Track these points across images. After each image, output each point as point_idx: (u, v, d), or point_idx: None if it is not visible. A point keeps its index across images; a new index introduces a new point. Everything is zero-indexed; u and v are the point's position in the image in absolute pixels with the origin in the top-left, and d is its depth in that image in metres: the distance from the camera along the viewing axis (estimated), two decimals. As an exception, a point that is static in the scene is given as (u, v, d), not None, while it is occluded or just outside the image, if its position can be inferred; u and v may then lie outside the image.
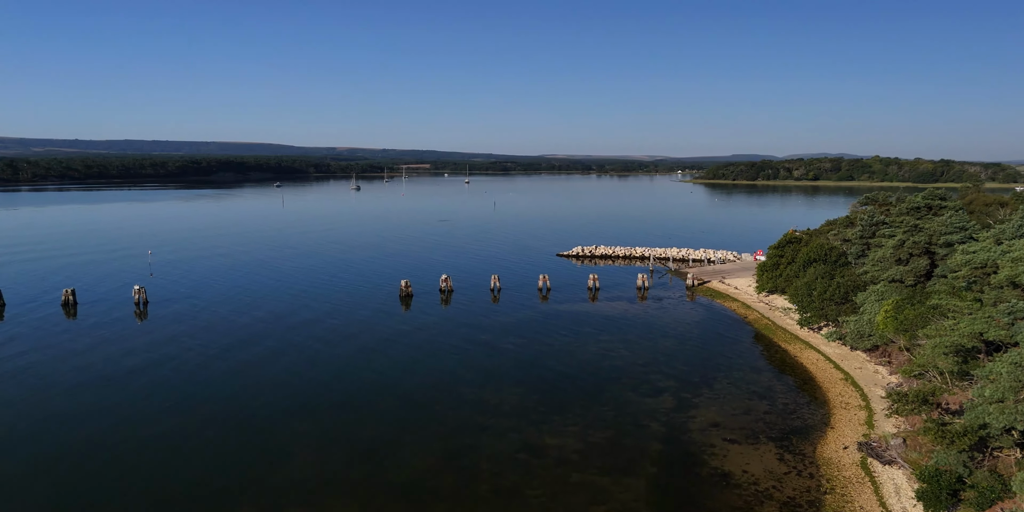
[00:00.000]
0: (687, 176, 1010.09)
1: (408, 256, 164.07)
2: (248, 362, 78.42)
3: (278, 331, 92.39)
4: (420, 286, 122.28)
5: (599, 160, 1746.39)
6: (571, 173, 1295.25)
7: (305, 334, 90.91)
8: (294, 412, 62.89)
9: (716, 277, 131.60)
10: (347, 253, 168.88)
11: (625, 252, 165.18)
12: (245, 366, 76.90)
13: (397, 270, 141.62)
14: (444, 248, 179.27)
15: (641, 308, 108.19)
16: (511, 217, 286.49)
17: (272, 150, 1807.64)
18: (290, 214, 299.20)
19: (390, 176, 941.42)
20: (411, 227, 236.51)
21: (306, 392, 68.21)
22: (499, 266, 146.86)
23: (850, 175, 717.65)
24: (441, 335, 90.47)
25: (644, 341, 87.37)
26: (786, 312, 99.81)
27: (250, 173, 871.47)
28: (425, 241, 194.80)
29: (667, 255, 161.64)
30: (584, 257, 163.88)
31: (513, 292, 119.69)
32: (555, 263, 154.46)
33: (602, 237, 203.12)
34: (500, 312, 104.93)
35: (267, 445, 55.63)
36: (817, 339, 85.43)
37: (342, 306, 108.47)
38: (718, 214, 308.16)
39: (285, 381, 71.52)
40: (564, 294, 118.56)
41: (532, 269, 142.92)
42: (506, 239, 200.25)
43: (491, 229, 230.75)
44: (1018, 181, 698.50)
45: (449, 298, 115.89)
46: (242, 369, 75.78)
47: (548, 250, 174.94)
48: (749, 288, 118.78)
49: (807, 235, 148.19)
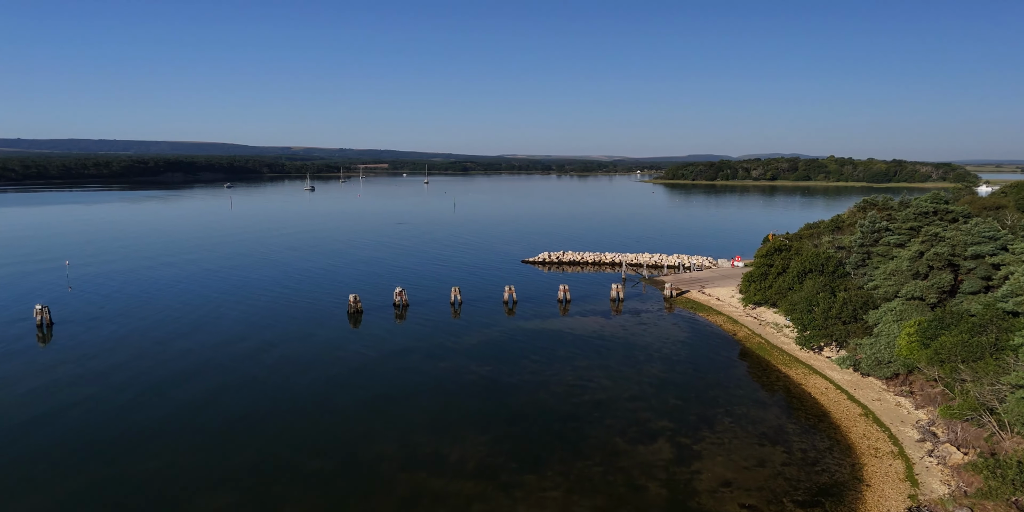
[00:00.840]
0: (647, 176, 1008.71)
1: (361, 264, 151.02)
2: (156, 414, 65.32)
3: (205, 365, 79.13)
4: (372, 300, 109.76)
5: (559, 160, 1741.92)
6: (531, 173, 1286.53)
7: (237, 370, 77.84)
8: (208, 483, 50.26)
9: (694, 286, 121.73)
10: (296, 261, 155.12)
11: (594, 258, 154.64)
12: (152, 421, 63.79)
13: (348, 280, 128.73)
14: (400, 254, 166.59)
15: (618, 324, 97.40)
16: (472, 219, 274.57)
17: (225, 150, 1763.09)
18: (238, 217, 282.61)
19: (346, 176, 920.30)
20: (366, 230, 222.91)
21: (224, 455, 55.30)
22: (460, 275, 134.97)
23: (807, 175, 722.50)
24: (392, 365, 78.27)
25: (626, 367, 76.46)
26: (778, 328, 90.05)
27: (201, 173, 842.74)
28: (380, 246, 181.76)
29: (639, 261, 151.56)
30: (551, 264, 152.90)
31: (476, 306, 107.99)
32: (521, 271, 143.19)
33: (569, 241, 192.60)
34: (461, 331, 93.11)
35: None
36: (820, 362, 75.57)
37: (285, 327, 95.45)
38: (685, 215, 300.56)
39: (197, 445, 58.24)
40: (532, 307, 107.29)
41: (496, 278, 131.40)
42: (467, 243, 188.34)
43: (451, 232, 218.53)
44: (968, 181, 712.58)
45: (404, 314, 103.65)
46: (146, 426, 62.66)
47: (513, 256, 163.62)
48: (732, 299, 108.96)
49: (789, 240, 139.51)
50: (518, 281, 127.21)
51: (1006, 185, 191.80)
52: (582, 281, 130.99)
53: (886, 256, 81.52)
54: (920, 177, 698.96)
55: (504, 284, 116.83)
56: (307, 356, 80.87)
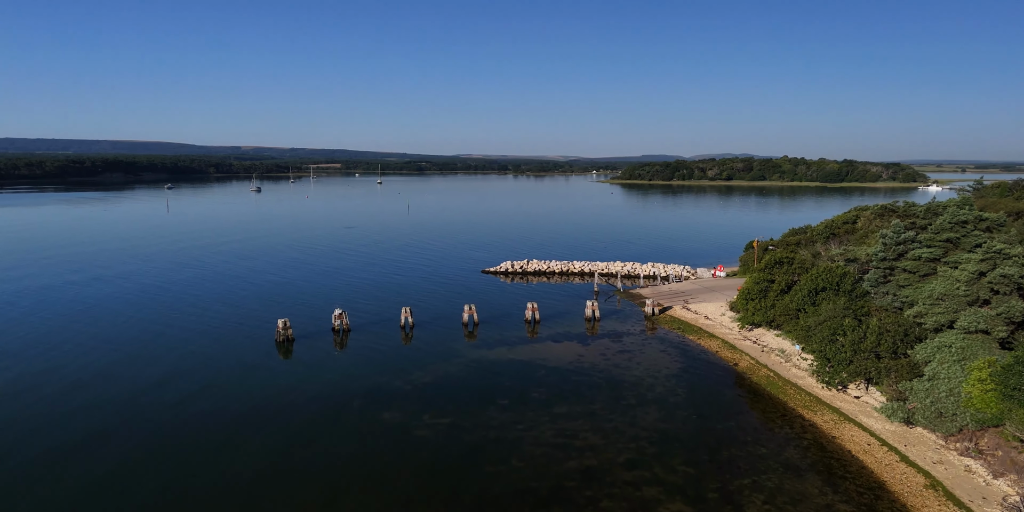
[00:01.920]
0: (603, 176, 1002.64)
1: (300, 278, 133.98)
2: (16, 481, 48.58)
3: (87, 415, 62.23)
4: (308, 325, 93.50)
5: (515, 160, 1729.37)
6: (487, 173, 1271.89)
7: (128, 424, 61.15)
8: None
9: (677, 301, 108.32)
10: (226, 276, 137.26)
11: (562, 267, 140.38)
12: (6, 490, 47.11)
13: (283, 299, 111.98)
14: (346, 264, 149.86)
15: (597, 351, 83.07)
16: (427, 222, 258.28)
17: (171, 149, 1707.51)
18: (173, 221, 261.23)
19: (297, 176, 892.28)
20: (311, 236, 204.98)
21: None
22: (413, 289, 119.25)
23: (762, 175, 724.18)
24: (317, 416, 62.36)
25: (616, 415, 62.06)
26: (786, 356, 76.79)
27: (142, 174, 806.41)
28: (324, 255, 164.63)
29: (611, 270, 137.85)
30: (515, 274, 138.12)
31: (430, 329, 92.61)
32: (481, 283, 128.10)
33: (532, 247, 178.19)
34: (412, 364, 77.63)
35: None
36: (849, 404, 62.29)
37: (199, 359, 78.71)
38: (651, 218, 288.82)
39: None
40: (496, 330, 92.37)
41: (454, 293, 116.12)
42: (422, 250, 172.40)
43: (405, 238, 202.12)
44: (917, 180, 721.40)
45: (345, 341, 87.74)
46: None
47: (472, 265, 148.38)
48: (724, 318, 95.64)
49: (777, 246, 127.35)
50: (479, 296, 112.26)
51: (994, 184, 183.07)
52: (551, 295, 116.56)
53: (915, 273, 68.79)
54: (871, 177, 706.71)
55: (463, 302, 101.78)
56: (205, 403, 64.49)
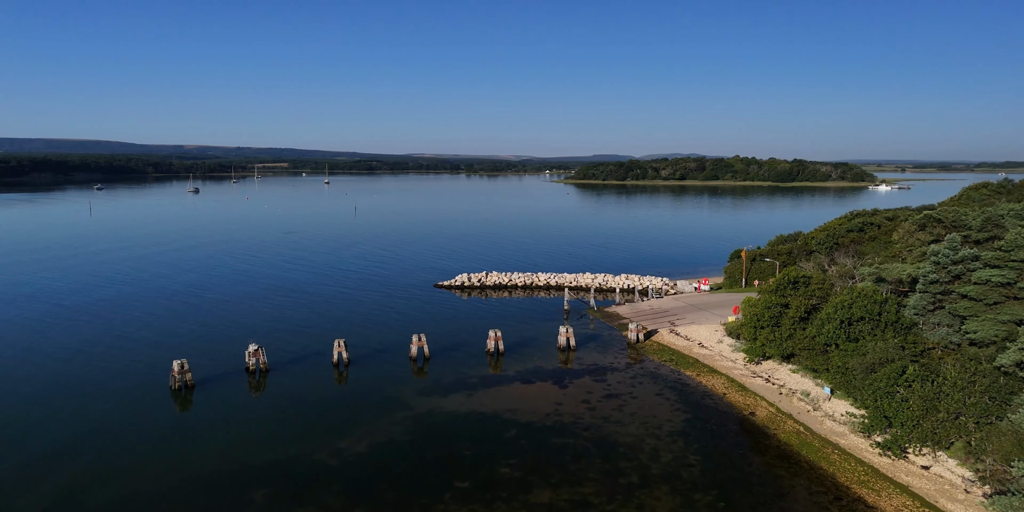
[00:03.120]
0: (557, 176, 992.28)
1: (220, 298, 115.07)
2: None
3: None
4: (219, 362, 75.46)
5: (467, 159, 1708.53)
6: (440, 173, 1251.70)
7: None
8: None
9: (661, 322, 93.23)
10: (130, 293, 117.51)
11: (525, 280, 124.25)
12: None
13: (192, 328, 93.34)
14: (275, 280, 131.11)
15: (577, 395, 67.12)
16: (375, 225, 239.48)
17: (109, 148, 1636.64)
18: (96, 226, 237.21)
19: (241, 176, 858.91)
20: (243, 244, 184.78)
21: None
22: (352, 312, 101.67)
23: (715, 175, 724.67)
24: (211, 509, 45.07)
25: (618, 504, 46.03)
26: (810, 400, 62.02)
27: (74, 174, 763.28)
28: (250, 270, 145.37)
29: (581, 282, 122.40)
30: (472, 288, 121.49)
31: (370, 366, 75.52)
32: (434, 300, 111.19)
33: (490, 254, 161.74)
34: (343, 422, 60.43)
35: None
36: (919, 478, 47.50)
37: (74, 412, 60.20)
38: (613, 219, 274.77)
39: None
40: (451, 365, 75.79)
41: (401, 316, 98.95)
42: (367, 261, 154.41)
43: (348, 245, 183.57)
44: (865, 180, 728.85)
45: (262, 384, 70.15)
46: None
47: (424, 278, 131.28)
48: (722, 346, 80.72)
49: (770, 257, 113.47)
50: (431, 319, 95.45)
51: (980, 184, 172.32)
52: (515, 315, 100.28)
53: (982, 300, 54.61)
54: (821, 176, 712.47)
55: (411, 329, 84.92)
56: (61, 481, 46.47)
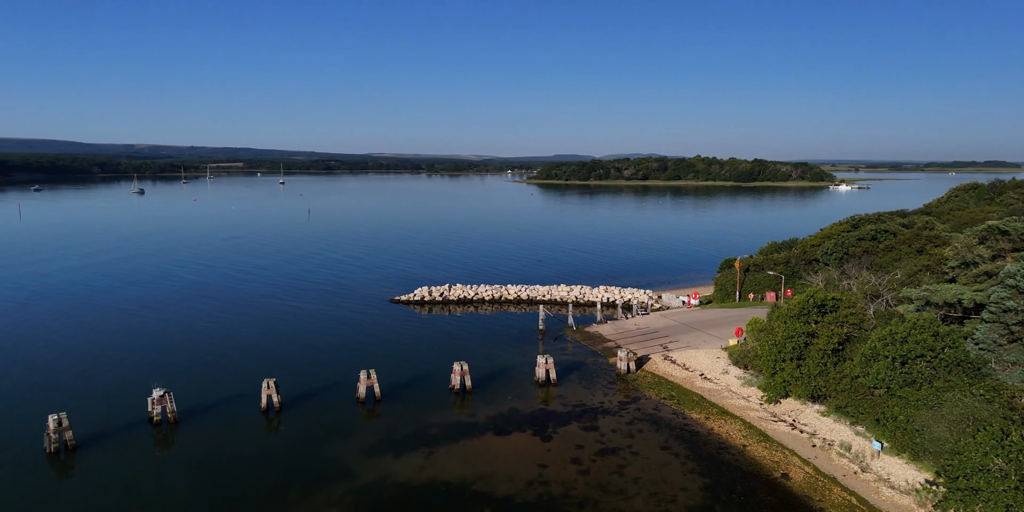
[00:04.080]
0: (519, 176, 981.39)
1: (129, 322, 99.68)
2: None
3: None
4: (114, 414, 60.79)
5: (428, 159, 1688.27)
6: (400, 172, 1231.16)
7: None
8: None
9: (652, 345, 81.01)
10: (32, 319, 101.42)
11: (493, 294, 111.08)
12: None
13: (87, 366, 78.15)
14: (202, 298, 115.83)
15: (566, 452, 54.20)
16: (329, 229, 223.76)
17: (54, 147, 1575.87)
18: (22, 233, 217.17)
19: (192, 176, 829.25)
20: (179, 253, 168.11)
21: None
22: (289, 340, 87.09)
23: (677, 175, 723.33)
24: None
25: None
26: (854, 456, 50.17)
27: (14, 174, 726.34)
28: (182, 284, 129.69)
29: (555, 296, 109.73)
30: (433, 304, 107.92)
31: (308, 410, 61.64)
32: (390, 319, 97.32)
33: (453, 262, 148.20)
34: (264, 495, 46.59)
35: None
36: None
37: None
38: (582, 221, 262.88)
39: None
40: (408, 407, 62.33)
41: (349, 341, 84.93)
42: (316, 271, 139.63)
43: (296, 253, 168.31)
44: (825, 179, 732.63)
45: (170, 438, 55.84)
46: None
47: (378, 291, 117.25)
48: (728, 378, 68.68)
49: (765, 267, 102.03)
50: (385, 345, 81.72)
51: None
52: (483, 338, 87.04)
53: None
54: (781, 176, 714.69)
55: (360, 361, 71.26)
56: None
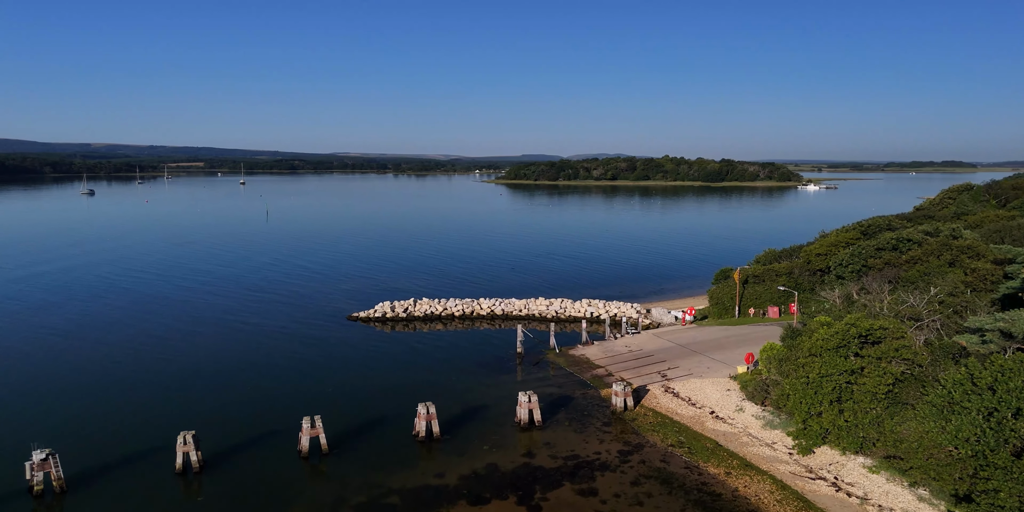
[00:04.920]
0: (488, 176, 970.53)
1: (60, 348, 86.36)
2: None
3: None
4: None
5: (395, 159, 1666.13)
6: (366, 172, 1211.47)
7: None
8: None
9: (648, 373, 70.40)
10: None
11: (464, 308, 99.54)
12: None
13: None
14: (147, 316, 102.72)
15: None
16: (287, 233, 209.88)
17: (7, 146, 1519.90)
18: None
19: (151, 176, 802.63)
20: (127, 261, 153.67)
21: None
22: (223, 372, 74.51)
23: (646, 175, 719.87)
24: None
25: None
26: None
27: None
28: (124, 299, 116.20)
29: (533, 311, 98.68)
30: (396, 321, 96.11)
31: (234, 470, 49.72)
32: (346, 342, 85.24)
33: (419, 270, 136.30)
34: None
35: None
36: None
37: None
38: (554, 223, 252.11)
39: None
40: (361, 463, 50.80)
41: (294, 374, 72.62)
42: (267, 283, 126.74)
43: (249, 262, 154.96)
44: (792, 179, 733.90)
45: None
46: None
47: (335, 306, 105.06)
48: (745, 417, 58.23)
49: (767, 280, 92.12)
50: (338, 376, 69.78)
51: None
52: (452, 361, 75.55)
53: None
54: (749, 176, 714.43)
55: (305, 401, 59.48)
56: None
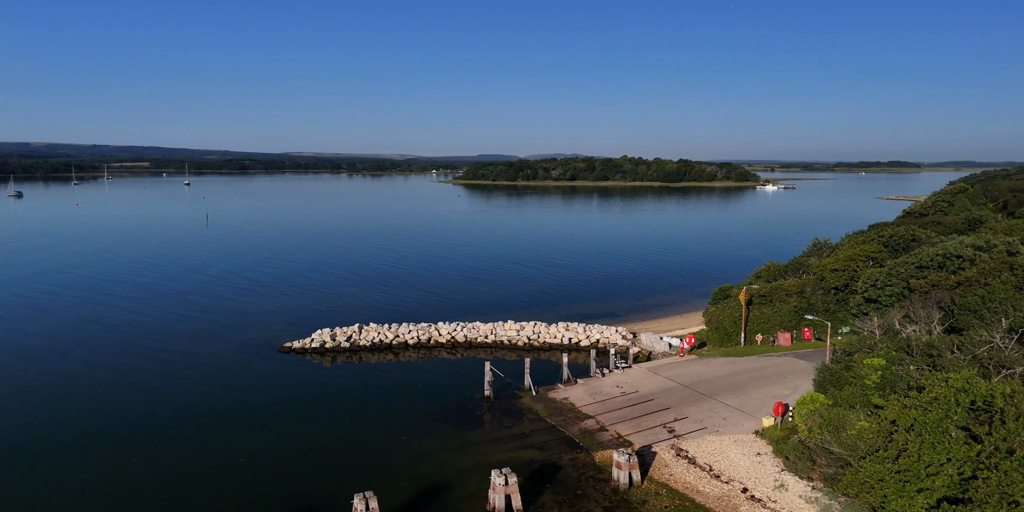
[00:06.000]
0: (444, 176, 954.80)
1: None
2: None
3: None
4: None
5: (349, 158, 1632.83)
6: (319, 172, 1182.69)
7: None
8: None
9: (652, 426, 56.32)
10: None
11: (419, 334, 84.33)
12: None
13: None
14: (45, 342, 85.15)
15: None
16: (227, 240, 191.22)
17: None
18: None
19: (91, 176, 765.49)
20: (40, 278, 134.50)
21: None
22: (101, 433, 58.23)
23: (604, 175, 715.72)
24: None
25: None
26: None
27: None
28: (25, 317, 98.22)
29: (501, 337, 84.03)
30: (338, 352, 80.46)
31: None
32: (271, 383, 69.22)
33: (368, 284, 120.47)
34: None
35: None
36: None
37: None
38: (516, 226, 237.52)
39: None
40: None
41: (195, 429, 56.51)
42: (186, 304, 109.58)
43: (172, 278, 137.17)
44: (750, 179, 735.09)
45: None
46: None
47: (266, 332, 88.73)
48: (787, 496, 44.35)
49: (775, 301, 79.00)
50: (246, 444, 53.82)
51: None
52: (404, 409, 60.27)
53: None
54: (707, 176, 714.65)
55: (198, 492, 43.76)
56: None
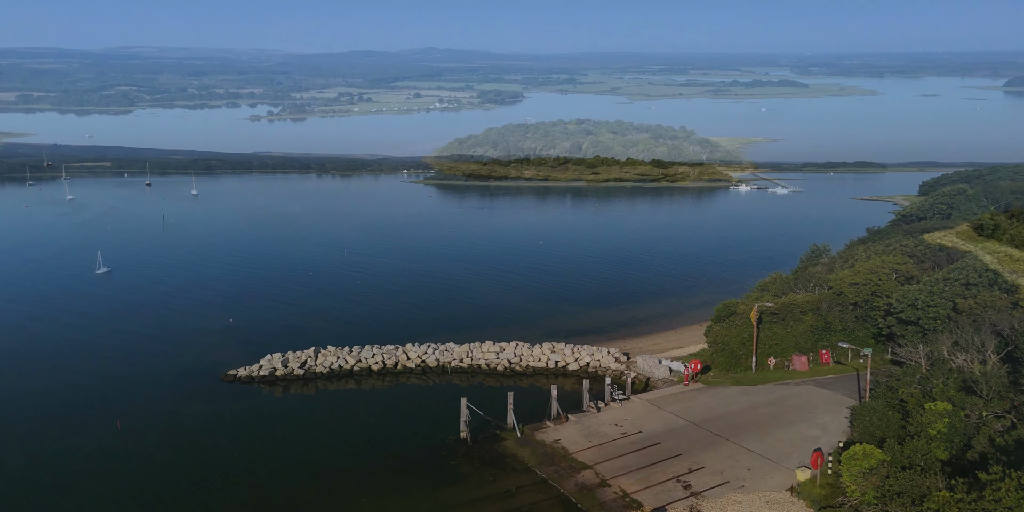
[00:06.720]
0: (416, 176, 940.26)
1: None
2: None
3: None
4: None
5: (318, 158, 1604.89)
6: (288, 172, 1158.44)
7: None
8: None
9: (660, 479, 47.12)
10: None
11: (384, 360, 73.99)
12: None
13: None
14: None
15: None
16: (187, 246, 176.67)
17: None
18: None
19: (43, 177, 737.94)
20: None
21: None
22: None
23: (578, 175, 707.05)
24: None
25: None
26: None
27: None
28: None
29: (478, 360, 74.13)
30: (290, 381, 69.86)
31: None
32: (209, 423, 58.67)
33: (328, 297, 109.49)
34: None
35: None
36: None
37: None
38: (494, 230, 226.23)
39: None
40: None
41: (100, 498, 45.98)
42: (126, 316, 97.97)
43: (126, 290, 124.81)
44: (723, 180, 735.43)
45: None
46: None
47: (209, 357, 77.67)
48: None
49: (789, 320, 70.21)
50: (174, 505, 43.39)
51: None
52: (365, 460, 50.31)
53: None
54: (680, 176, 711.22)
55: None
56: None
